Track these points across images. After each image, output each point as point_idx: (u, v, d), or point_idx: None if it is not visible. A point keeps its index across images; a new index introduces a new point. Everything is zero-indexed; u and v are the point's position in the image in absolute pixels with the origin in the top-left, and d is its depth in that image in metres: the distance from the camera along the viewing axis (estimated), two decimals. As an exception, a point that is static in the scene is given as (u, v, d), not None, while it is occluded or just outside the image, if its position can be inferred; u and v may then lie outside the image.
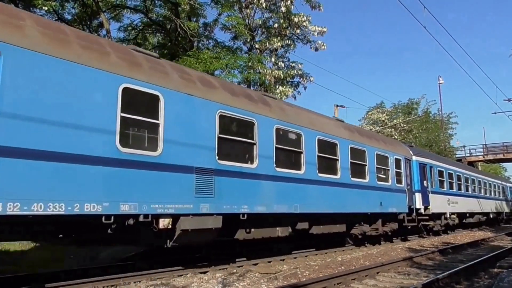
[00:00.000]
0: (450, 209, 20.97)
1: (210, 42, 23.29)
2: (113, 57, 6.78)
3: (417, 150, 20.44)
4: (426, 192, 18.05)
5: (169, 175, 7.22)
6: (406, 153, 17.29)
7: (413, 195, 16.97)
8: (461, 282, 8.17)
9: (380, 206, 14.00)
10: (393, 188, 15.22)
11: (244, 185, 8.72)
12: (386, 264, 9.92)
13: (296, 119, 10.86)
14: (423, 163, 18.55)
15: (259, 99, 10.08)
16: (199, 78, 8.73)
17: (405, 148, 18.13)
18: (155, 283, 7.56)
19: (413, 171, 17.50)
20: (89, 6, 20.05)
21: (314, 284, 7.21)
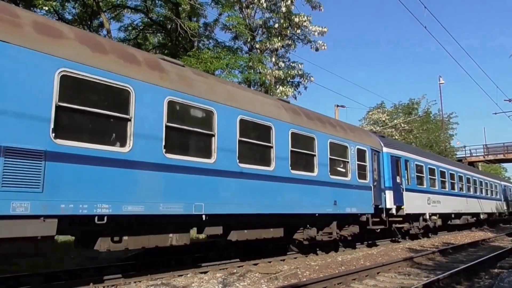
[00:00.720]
0: (430, 209, 18.69)
1: (210, 42, 23.36)
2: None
3: (389, 141, 17.91)
4: (399, 189, 15.80)
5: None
6: (374, 144, 14.75)
7: (382, 193, 14.59)
8: (461, 282, 8.16)
9: (334, 205, 11.63)
10: (354, 184, 12.71)
11: (107, 175, 6.29)
12: (387, 264, 9.91)
13: (206, 91, 8.26)
14: (397, 156, 16.18)
15: (143, 60, 7.47)
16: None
17: (373, 138, 15.50)
18: (155, 283, 7.55)
19: (383, 165, 15.05)
20: (90, 6, 20.07)
21: (314, 284, 7.21)
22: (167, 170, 7.18)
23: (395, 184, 15.52)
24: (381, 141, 15.81)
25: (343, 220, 12.68)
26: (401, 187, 16.03)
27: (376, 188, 14.02)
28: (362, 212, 13.23)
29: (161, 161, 7.11)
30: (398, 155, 16.32)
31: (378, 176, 14.42)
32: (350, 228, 13.08)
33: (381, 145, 15.47)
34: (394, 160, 15.82)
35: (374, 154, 14.40)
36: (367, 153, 13.84)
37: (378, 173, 14.54)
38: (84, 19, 21.13)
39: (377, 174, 14.39)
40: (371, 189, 13.68)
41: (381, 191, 14.56)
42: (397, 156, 16.21)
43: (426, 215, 18.27)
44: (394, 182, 15.51)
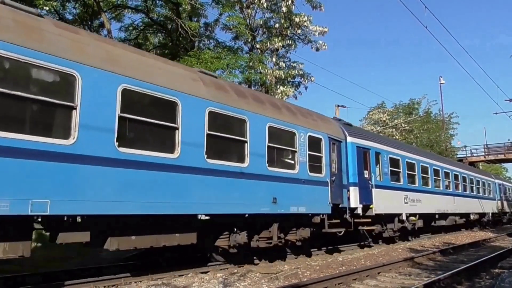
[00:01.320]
0: (408, 209, 16.48)
1: (211, 42, 23.37)
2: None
3: (356, 130, 15.43)
4: (367, 186, 13.65)
5: None
6: (334, 132, 12.62)
7: (343, 189, 12.58)
8: (462, 282, 8.16)
9: (273, 204, 9.54)
10: (303, 178, 10.66)
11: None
12: (387, 264, 9.92)
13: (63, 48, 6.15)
14: (365, 147, 14.04)
15: None
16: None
17: (332, 124, 13.24)
18: (156, 283, 7.56)
19: (346, 157, 13.02)
20: (90, 6, 20.07)
21: (315, 284, 7.20)
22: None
23: (362, 179, 13.41)
24: (344, 129, 13.59)
25: (289, 222, 10.64)
26: (370, 183, 13.83)
27: (335, 184, 11.95)
28: (314, 212, 11.11)
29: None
30: (366, 146, 14.16)
31: (338, 170, 12.34)
32: (300, 231, 10.99)
33: (345, 133, 13.33)
34: (361, 152, 13.72)
35: (333, 144, 12.29)
36: (323, 142, 11.72)
37: (339, 166, 12.46)
38: (85, 19, 21.12)
39: (337, 167, 12.30)
40: (328, 185, 11.55)
41: (342, 187, 12.47)
42: (365, 148, 14.07)
43: (403, 216, 16.02)
44: (361, 178, 13.39)
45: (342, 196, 12.46)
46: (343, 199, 12.46)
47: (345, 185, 12.70)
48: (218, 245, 9.26)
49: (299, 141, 10.80)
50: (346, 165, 12.95)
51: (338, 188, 12.24)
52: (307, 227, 11.20)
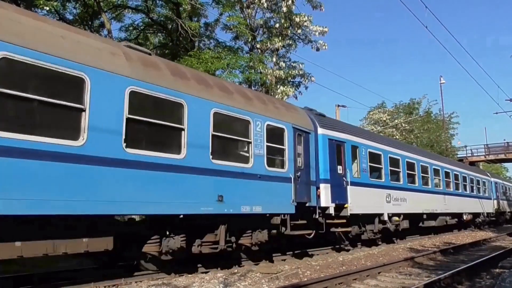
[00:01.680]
0: (390, 208, 15.03)
1: (211, 42, 23.37)
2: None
3: (329, 121, 13.58)
4: (341, 183, 12.41)
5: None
6: (300, 122, 11.30)
7: (312, 187, 11.26)
8: (462, 282, 8.16)
9: (219, 202, 8.24)
10: (259, 173, 9.34)
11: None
12: (388, 264, 9.92)
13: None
14: (339, 140, 12.73)
15: None
16: None
17: (299, 113, 11.84)
18: (156, 282, 7.55)
19: (315, 151, 11.69)
20: (91, 6, 20.07)
21: (315, 284, 7.21)
22: None
23: (335, 176, 12.16)
24: (315, 120, 12.22)
25: (241, 224, 9.29)
26: (345, 180, 12.55)
27: (301, 181, 10.70)
28: (273, 212, 9.87)
29: None
30: (340, 139, 12.81)
31: (306, 165, 11.06)
32: (256, 234, 9.62)
33: (315, 124, 12.01)
34: (334, 145, 12.40)
35: (300, 135, 11.00)
36: (287, 133, 10.45)
37: (307, 161, 11.16)
38: (85, 19, 21.14)
39: (304, 162, 11.00)
40: (292, 182, 10.25)
41: (310, 184, 11.19)
42: (339, 140, 12.70)
43: (384, 216, 14.60)
44: (334, 174, 12.14)
45: (310, 194, 11.13)
46: (310, 197, 11.13)
47: (313, 182, 11.34)
48: (146, 251, 7.62)
49: (255, 130, 9.42)
50: (315, 159, 11.58)
51: (305, 185, 10.92)
52: (266, 229, 9.85)
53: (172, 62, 9.76)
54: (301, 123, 11.31)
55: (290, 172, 10.36)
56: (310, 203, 11.12)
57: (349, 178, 12.77)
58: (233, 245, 9.19)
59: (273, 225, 10.07)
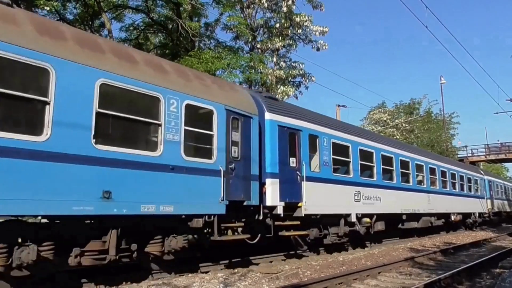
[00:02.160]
0: (360, 208, 13.12)
1: (211, 42, 23.40)
2: None
3: (281, 105, 11.67)
4: (294, 178, 10.59)
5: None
6: (239, 104, 9.36)
7: (252, 182, 9.33)
8: (463, 282, 8.16)
9: (104, 200, 6.47)
10: (172, 164, 7.49)
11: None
12: (388, 264, 9.92)
13: None
14: (293, 128, 10.88)
15: None
16: None
17: (238, 93, 9.99)
18: (156, 282, 7.56)
19: (259, 139, 9.85)
20: (91, 6, 20.09)
21: (315, 284, 7.21)
22: None
23: (286, 170, 10.37)
24: (262, 103, 10.40)
25: (145, 227, 7.47)
26: (299, 174, 10.72)
27: (236, 174, 8.89)
28: (192, 213, 7.92)
29: None
30: (295, 127, 10.99)
31: (244, 156, 9.19)
32: (169, 241, 7.68)
33: (261, 108, 10.20)
34: (286, 134, 10.62)
35: (236, 120, 9.14)
36: (216, 115, 8.59)
37: (247, 151, 9.31)
38: (85, 19, 21.16)
39: (241, 152, 9.11)
40: (222, 175, 8.40)
41: (250, 179, 9.31)
42: (293, 128, 10.91)
43: (352, 217, 12.68)
44: (285, 167, 10.36)
45: (250, 190, 9.20)
46: (250, 194, 9.21)
47: (255, 177, 9.46)
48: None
49: (167, 110, 7.54)
50: (258, 149, 9.75)
51: (242, 180, 9.06)
52: (185, 234, 7.96)
53: (40, 17, 7.65)
54: (239, 105, 9.31)
55: (219, 163, 8.44)
56: (249, 201, 9.19)
57: (305, 173, 10.83)
58: (134, 254, 7.23)
59: (195, 229, 8.18)
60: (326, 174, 11.84)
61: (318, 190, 11.34)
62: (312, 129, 11.68)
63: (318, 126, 12.01)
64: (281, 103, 12.22)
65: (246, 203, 9.19)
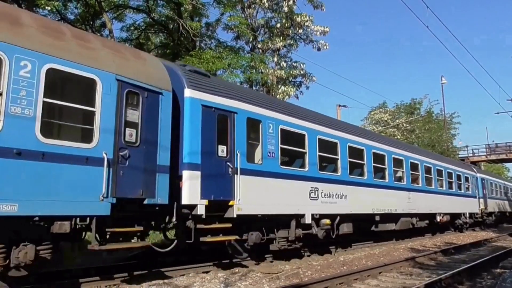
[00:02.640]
0: (317, 207, 11.12)
1: (212, 42, 23.41)
2: None
3: (207, 80, 9.17)
4: (222, 170, 8.61)
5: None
6: (139, 74, 7.42)
7: (159, 175, 7.38)
8: (463, 282, 8.16)
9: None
10: (18, 147, 5.63)
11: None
12: (389, 264, 9.92)
13: None
14: (224, 110, 8.87)
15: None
16: None
17: (140, 60, 7.94)
18: (157, 282, 7.57)
19: (173, 121, 7.86)
20: (92, 6, 20.11)
21: (316, 284, 7.21)
22: None
23: (211, 160, 8.38)
24: (182, 76, 8.41)
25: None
26: (230, 166, 8.74)
27: (130, 164, 6.97)
28: (50, 214, 5.99)
29: None
30: (227, 108, 8.95)
31: (146, 141, 7.26)
32: (17, 251, 5.90)
33: (180, 83, 8.31)
34: (214, 116, 8.62)
35: (135, 95, 7.22)
36: (101, 87, 6.69)
37: (152, 135, 7.41)
38: (87, 19, 21.18)
39: (141, 135, 7.17)
40: (106, 164, 6.55)
41: (154, 170, 7.34)
42: (224, 109, 8.87)
43: (306, 218, 10.71)
44: (210, 157, 8.38)
45: (154, 185, 7.29)
46: (154, 190, 7.28)
47: (162, 168, 7.44)
48: None
49: (15, 75, 5.70)
50: (173, 134, 7.79)
51: (142, 171, 7.13)
52: (46, 241, 6.18)
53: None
54: (141, 76, 7.37)
55: (103, 149, 6.58)
56: (152, 199, 7.24)
57: (240, 164, 8.88)
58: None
59: (61, 236, 6.29)
60: (270, 167, 9.81)
61: (258, 186, 9.40)
62: (253, 112, 9.60)
63: (261, 108, 9.91)
64: (212, 79, 9.79)
65: (147, 202, 7.15)
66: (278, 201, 9.92)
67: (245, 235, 9.37)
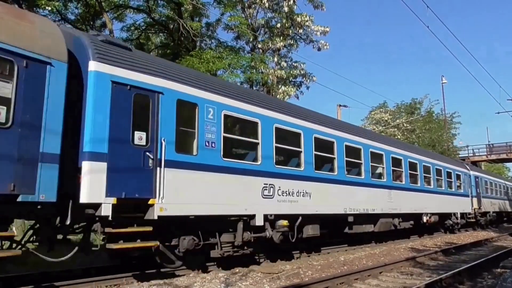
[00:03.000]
0: (271, 207, 9.71)
1: (212, 42, 23.43)
2: None
3: (128, 54, 7.65)
4: (140, 161, 7.13)
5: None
6: (16, 38, 5.86)
7: (41, 164, 5.88)
8: (464, 282, 8.15)
9: None
10: None
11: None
12: (389, 264, 9.92)
13: None
14: (146, 88, 7.43)
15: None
16: None
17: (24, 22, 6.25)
18: (157, 282, 7.57)
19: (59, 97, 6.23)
20: (92, 6, 20.11)
21: (316, 284, 7.21)
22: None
23: (123, 149, 6.95)
24: (87, 44, 7.01)
25: None
26: (150, 157, 7.26)
27: None
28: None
29: None
30: (149, 87, 7.49)
31: (24, 122, 5.79)
32: None
33: (82, 52, 6.97)
34: (129, 96, 7.18)
35: (7, 63, 5.76)
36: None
37: (36, 114, 5.94)
38: (87, 19, 21.19)
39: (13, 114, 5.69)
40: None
41: (35, 159, 5.87)
42: (144, 88, 7.43)
43: (258, 219, 9.28)
44: (122, 146, 6.95)
45: (34, 178, 5.83)
46: (35, 184, 5.83)
47: (48, 156, 5.99)
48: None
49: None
50: (61, 113, 6.25)
51: (12, 160, 5.63)
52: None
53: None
54: (19, 40, 5.89)
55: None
56: (30, 196, 5.77)
57: (164, 155, 7.44)
58: None
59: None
60: (209, 159, 8.30)
61: (192, 182, 7.92)
62: (185, 93, 8.10)
63: (197, 89, 8.39)
64: (135, 53, 8.30)
65: (22, 199, 5.70)
66: (219, 199, 8.45)
67: (175, 240, 7.86)
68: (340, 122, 15.77)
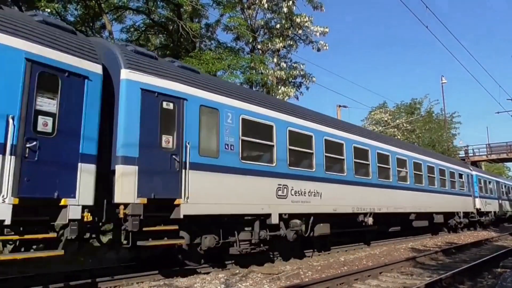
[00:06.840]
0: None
1: (212, 43, 23.43)
2: None
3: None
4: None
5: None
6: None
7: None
8: (464, 282, 8.15)
9: None
10: None
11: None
12: (389, 264, 9.91)
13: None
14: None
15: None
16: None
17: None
18: (157, 283, 7.57)
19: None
20: (92, 8, 20.13)
21: (316, 285, 7.21)
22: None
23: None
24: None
25: None
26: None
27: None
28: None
29: None
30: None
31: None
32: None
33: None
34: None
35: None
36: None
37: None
38: (87, 20, 21.21)
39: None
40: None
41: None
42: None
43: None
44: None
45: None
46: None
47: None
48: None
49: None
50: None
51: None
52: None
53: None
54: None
55: None
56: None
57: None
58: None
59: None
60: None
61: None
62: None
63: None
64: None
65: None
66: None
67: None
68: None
